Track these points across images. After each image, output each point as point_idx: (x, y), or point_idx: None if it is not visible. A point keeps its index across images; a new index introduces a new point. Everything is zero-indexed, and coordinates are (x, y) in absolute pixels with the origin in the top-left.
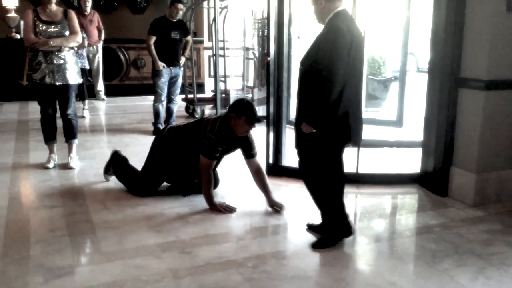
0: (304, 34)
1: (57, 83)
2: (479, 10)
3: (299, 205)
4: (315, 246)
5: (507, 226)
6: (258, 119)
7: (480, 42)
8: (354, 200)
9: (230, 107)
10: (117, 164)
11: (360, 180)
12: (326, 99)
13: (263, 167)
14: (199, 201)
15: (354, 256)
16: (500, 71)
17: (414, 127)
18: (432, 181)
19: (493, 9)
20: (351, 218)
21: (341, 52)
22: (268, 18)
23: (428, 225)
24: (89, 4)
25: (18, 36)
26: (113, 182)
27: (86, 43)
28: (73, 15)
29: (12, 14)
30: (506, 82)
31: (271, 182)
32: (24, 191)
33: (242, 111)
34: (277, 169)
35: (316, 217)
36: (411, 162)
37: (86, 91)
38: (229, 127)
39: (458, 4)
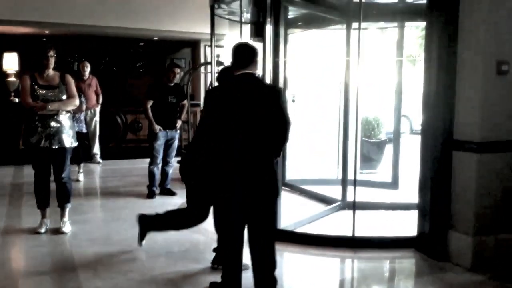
0: (299, 97)
1: (53, 147)
2: (470, 73)
3: (296, 274)
4: None
5: None
6: None
7: (471, 105)
8: (351, 265)
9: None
10: (151, 223)
11: (357, 244)
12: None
13: None
14: (192, 267)
15: None
16: (492, 133)
17: (410, 189)
18: (429, 244)
19: (484, 72)
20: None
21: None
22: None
23: None
24: (87, 69)
25: (16, 100)
26: (105, 246)
27: (84, 107)
28: (70, 79)
29: (12, 79)
30: (499, 144)
31: None
32: (14, 256)
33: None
34: None
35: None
36: (408, 224)
37: (82, 155)
38: None
39: (448, 68)
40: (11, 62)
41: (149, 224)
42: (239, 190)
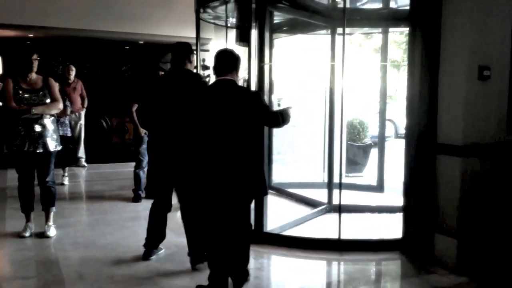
0: (284, 101)
1: (37, 151)
2: (452, 78)
3: (283, 277)
4: None
5: None
6: None
7: (454, 109)
8: (337, 267)
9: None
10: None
11: (343, 246)
12: None
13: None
14: (178, 270)
15: None
16: (475, 137)
17: (395, 192)
18: (414, 247)
19: (466, 77)
20: None
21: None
22: (248, 85)
23: None
24: (73, 73)
25: (0, 104)
26: (90, 250)
27: (69, 111)
28: (53, 82)
29: None
30: (481, 148)
31: (253, 250)
32: None
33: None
34: (259, 236)
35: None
36: (394, 227)
37: (67, 158)
38: None
39: (431, 73)
40: None
41: (152, 241)
42: (234, 192)
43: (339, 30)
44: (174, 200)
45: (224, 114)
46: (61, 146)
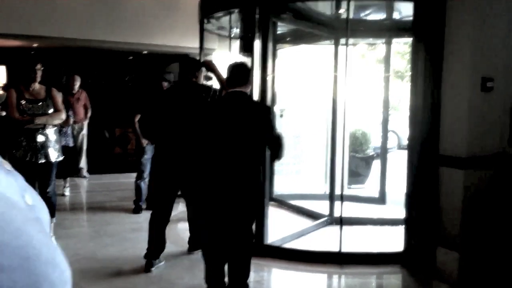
0: (287, 112)
1: (39, 161)
2: (455, 90)
3: None
4: None
5: None
6: None
7: (457, 121)
8: (337, 280)
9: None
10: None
11: (343, 259)
12: None
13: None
14: (180, 282)
15: None
16: (478, 149)
17: (397, 204)
18: (415, 260)
19: (469, 89)
20: None
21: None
22: (250, 95)
23: None
24: (77, 83)
25: (3, 113)
26: (90, 262)
27: (71, 121)
28: (56, 92)
29: None
30: (484, 160)
31: (253, 262)
32: None
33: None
34: (260, 248)
35: None
36: (395, 239)
37: (68, 169)
38: None
39: (434, 84)
40: None
41: (152, 252)
42: (230, 201)
43: (342, 40)
44: (173, 212)
45: (232, 126)
46: (63, 156)
